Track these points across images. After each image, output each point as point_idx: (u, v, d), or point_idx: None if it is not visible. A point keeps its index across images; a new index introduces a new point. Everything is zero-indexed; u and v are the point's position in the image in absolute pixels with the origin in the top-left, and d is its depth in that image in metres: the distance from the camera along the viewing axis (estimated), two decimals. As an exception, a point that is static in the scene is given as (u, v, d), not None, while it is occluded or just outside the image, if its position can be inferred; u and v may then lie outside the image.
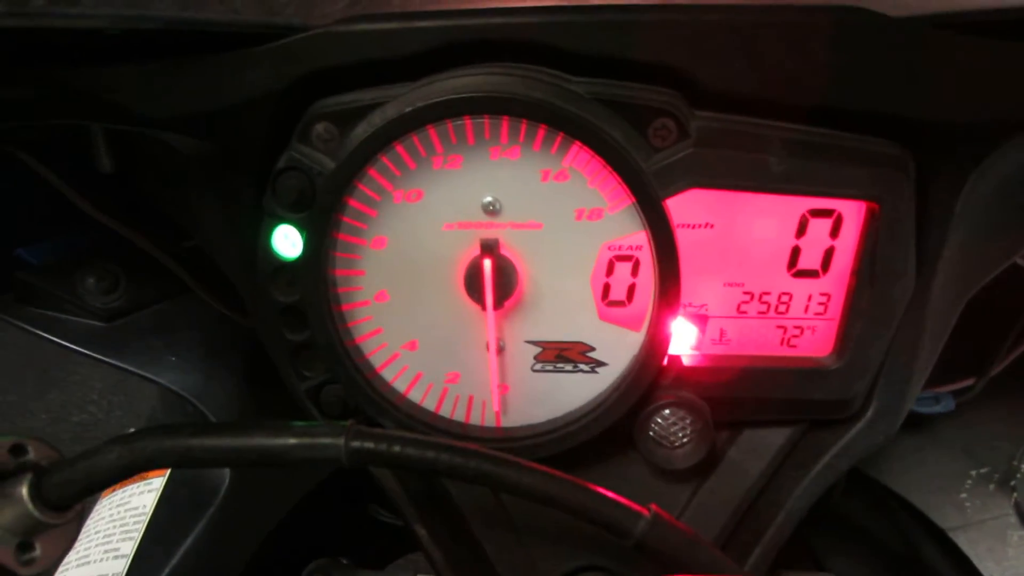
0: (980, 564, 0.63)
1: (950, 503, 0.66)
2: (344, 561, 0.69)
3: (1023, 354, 0.62)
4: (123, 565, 0.66)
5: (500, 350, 0.48)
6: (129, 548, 0.68)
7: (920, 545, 0.67)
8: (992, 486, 0.65)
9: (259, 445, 0.36)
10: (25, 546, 0.37)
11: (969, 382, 0.61)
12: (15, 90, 0.41)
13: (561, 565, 0.49)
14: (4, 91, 0.41)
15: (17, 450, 0.38)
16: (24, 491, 0.35)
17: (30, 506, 0.35)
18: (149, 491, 0.73)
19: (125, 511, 0.72)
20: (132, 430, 0.40)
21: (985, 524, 0.65)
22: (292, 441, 0.36)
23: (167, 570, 0.63)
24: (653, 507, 0.37)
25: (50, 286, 0.67)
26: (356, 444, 0.35)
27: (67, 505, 0.36)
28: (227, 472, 0.67)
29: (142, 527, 0.69)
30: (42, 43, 0.40)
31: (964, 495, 0.66)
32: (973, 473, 0.66)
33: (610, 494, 0.36)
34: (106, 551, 0.66)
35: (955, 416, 0.65)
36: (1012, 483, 0.64)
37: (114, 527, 0.70)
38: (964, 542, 0.64)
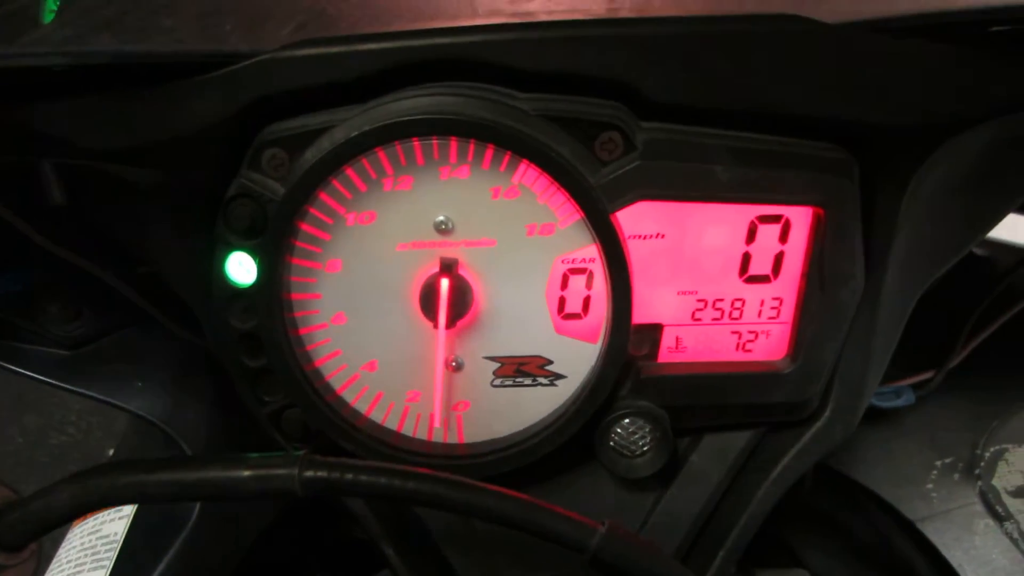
0: (948, 553, 0.64)
1: (917, 494, 0.67)
2: (322, 578, 0.69)
3: (980, 345, 0.63)
4: (96, 593, 0.66)
5: (459, 367, 0.48)
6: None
7: (890, 537, 0.68)
8: (957, 475, 0.66)
9: (213, 479, 0.36)
10: (-19, 589, 0.37)
11: (928, 375, 0.62)
12: None
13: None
14: None
15: (-29, 492, 0.38)
16: None
17: None
18: (120, 518, 0.72)
19: (96, 539, 0.72)
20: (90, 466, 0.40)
21: (951, 514, 0.66)
22: (246, 473, 0.36)
23: None
24: (608, 522, 0.37)
25: (11, 316, 0.66)
26: (310, 474, 0.35)
27: (21, 545, 0.36)
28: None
29: (114, 555, 0.69)
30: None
31: (930, 486, 0.67)
32: (938, 464, 0.67)
33: (562, 511, 0.37)
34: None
35: (917, 409, 0.66)
36: (976, 472, 0.65)
37: (85, 556, 0.69)
38: (932, 532, 0.65)
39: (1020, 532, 0.64)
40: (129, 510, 0.74)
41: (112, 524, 0.71)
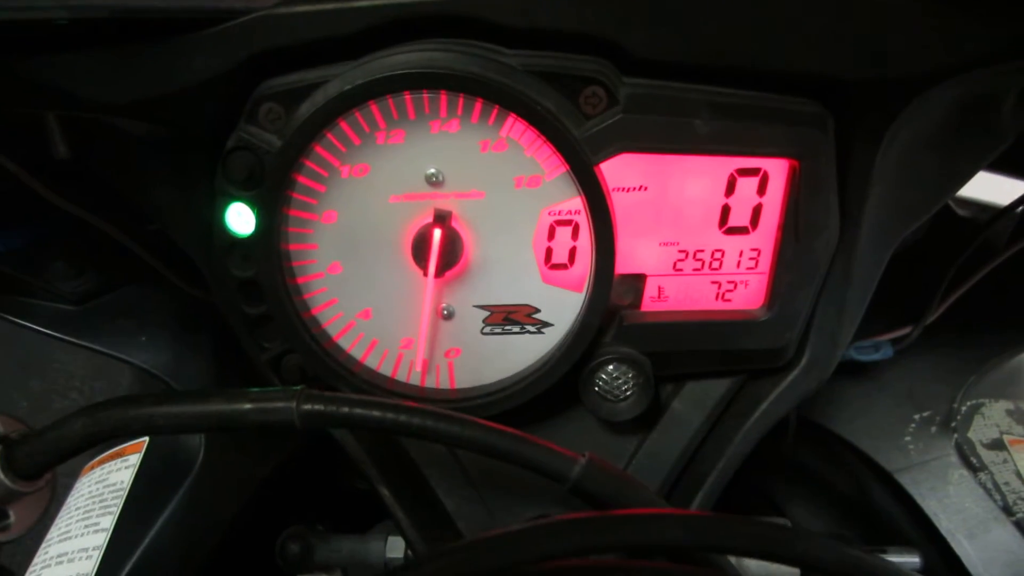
0: (923, 503, 0.66)
1: (895, 446, 0.69)
2: (319, 528, 0.71)
3: (957, 301, 0.65)
4: (103, 538, 0.68)
5: (450, 315, 0.50)
6: (108, 522, 0.70)
7: (869, 488, 0.70)
8: (933, 429, 0.68)
9: (216, 411, 0.38)
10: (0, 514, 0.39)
11: (906, 330, 0.64)
12: None
13: (515, 515, 0.51)
14: None
15: (-16, 425, 0.41)
16: None
17: (2, 475, 0.37)
18: (126, 467, 0.75)
19: (103, 487, 0.74)
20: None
21: (927, 465, 0.68)
22: (247, 406, 0.38)
23: (146, 541, 0.65)
24: (588, 454, 0.39)
25: (18, 272, 0.68)
26: (307, 407, 0.37)
27: (37, 474, 0.38)
28: (201, 445, 0.69)
29: (120, 501, 0.71)
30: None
31: (908, 438, 0.69)
32: (916, 417, 0.69)
33: (545, 443, 0.39)
34: (86, 526, 0.68)
35: (896, 363, 0.68)
36: (952, 425, 0.67)
37: (93, 503, 0.72)
38: (908, 482, 0.67)
39: (994, 483, 0.67)
40: (135, 459, 0.76)
41: (119, 473, 0.73)
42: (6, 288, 0.71)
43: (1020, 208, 0.68)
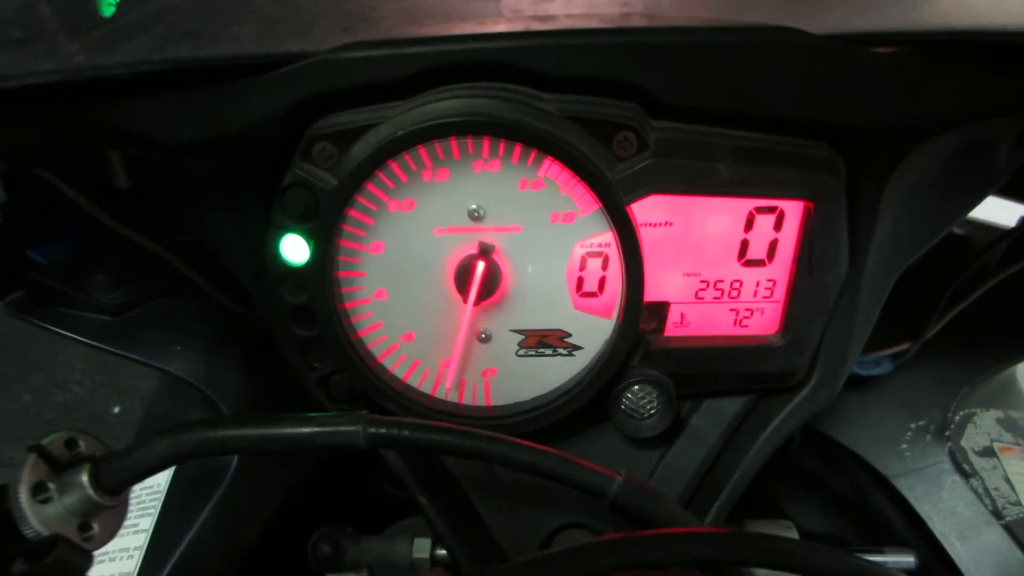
0: (918, 506, 0.71)
1: (892, 453, 0.73)
2: (348, 529, 0.75)
3: (953, 318, 0.69)
4: (144, 539, 0.72)
5: (487, 339, 0.53)
6: (148, 523, 0.74)
7: (867, 492, 0.75)
8: (928, 437, 0.72)
9: (287, 434, 0.41)
10: (85, 526, 0.43)
11: (905, 346, 0.68)
12: (47, 128, 0.45)
13: (547, 524, 0.55)
14: (39, 130, 0.45)
15: (70, 443, 0.44)
16: (85, 478, 0.41)
17: (90, 491, 0.41)
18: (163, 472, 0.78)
19: (141, 490, 0.78)
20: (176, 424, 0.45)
21: (923, 471, 0.72)
22: (316, 429, 0.41)
23: (185, 542, 0.68)
24: (624, 472, 0.43)
25: (60, 284, 0.70)
26: (372, 431, 0.41)
27: (121, 489, 0.42)
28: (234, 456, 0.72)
29: (159, 504, 0.75)
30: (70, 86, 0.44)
31: (904, 446, 0.73)
32: (912, 426, 0.73)
33: (587, 463, 0.43)
34: (127, 526, 0.72)
35: (895, 376, 0.72)
36: (946, 433, 0.72)
37: (133, 505, 0.75)
38: (904, 487, 0.71)
39: (984, 488, 0.71)
40: (171, 463, 0.80)
41: (156, 477, 0.76)
42: (48, 300, 0.72)
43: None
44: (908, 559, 0.68)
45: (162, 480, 0.77)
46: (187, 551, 0.67)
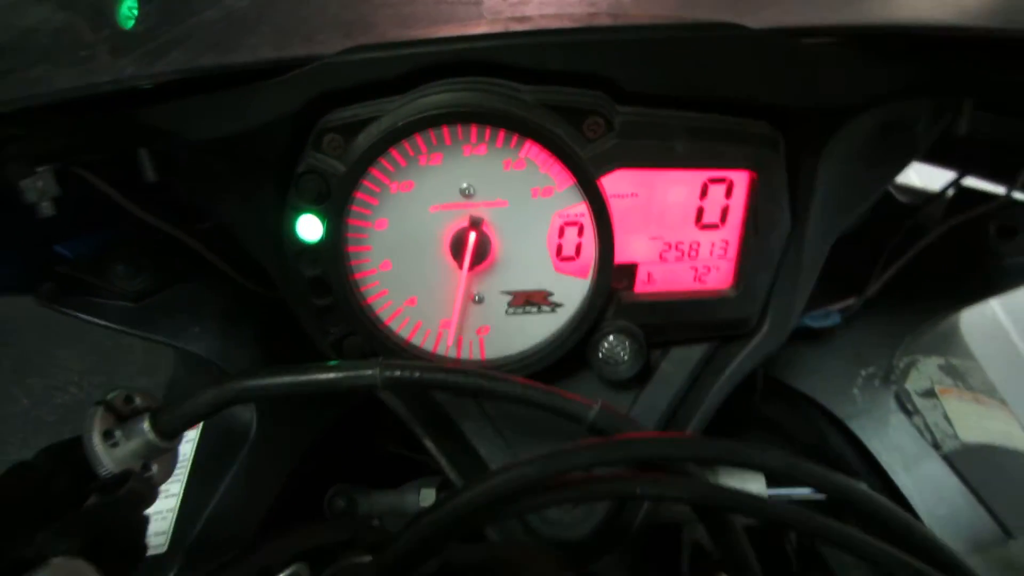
0: (868, 443, 0.78)
1: (845, 398, 0.80)
2: (361, 486, 0.81)
3: (895, 275, 0.76)
4: (175, 502, 0.78)
5: (480, 300, 0.61)
6: (177, 488, 0.80)
7: (825, 433, 0.82)
8: (876, 382, 0.80)
9: (316, 379, 0.48)
10: (146, 467, 0.50)
11: (851, 300, 0.76)
12: (93, 130, 0.52)
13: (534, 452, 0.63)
14: (87, 132, 0.52)
15: (128, 399, 0.51)
16: (146, 425, 0.48)
17: (151, 436, 0.48)
18: (187, 441, 0.85)
19: (170, 459, 0.84)
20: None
21: (871, 412, 0.80)
22: (340, 374, 0.48)
23: (212, 503, 0.75)
24: (601, 401, 0.51)
25: (85, 275, 0.76)
26: (388, 373, 0.48)
27: (175, 434, 0.49)
28: (253, 420, 0.79)
29: (186, 472, 0.82)
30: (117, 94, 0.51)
31: (856, 391, 0.80)
32: (862, 373, 0.80)
33: (569, 394, 0.50)
34: (160, 491, 0.78)
35: (844, 329, 0.79)
36: (892, 378, 0.79)
37: (164, 473, 0.82)
38: (856, 427, 0.79)
39: (925, 424, 0.79)
40: (194, 434, 0.86)
41: (182, 447, 0.82)
42: (75, 290, 0.77)
43: (947, 192, 0.80)
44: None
45: (187, 450, 0.83)
46: (214, 511, 0.74)
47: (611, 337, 0.61)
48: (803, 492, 0.67)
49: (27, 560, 0.43)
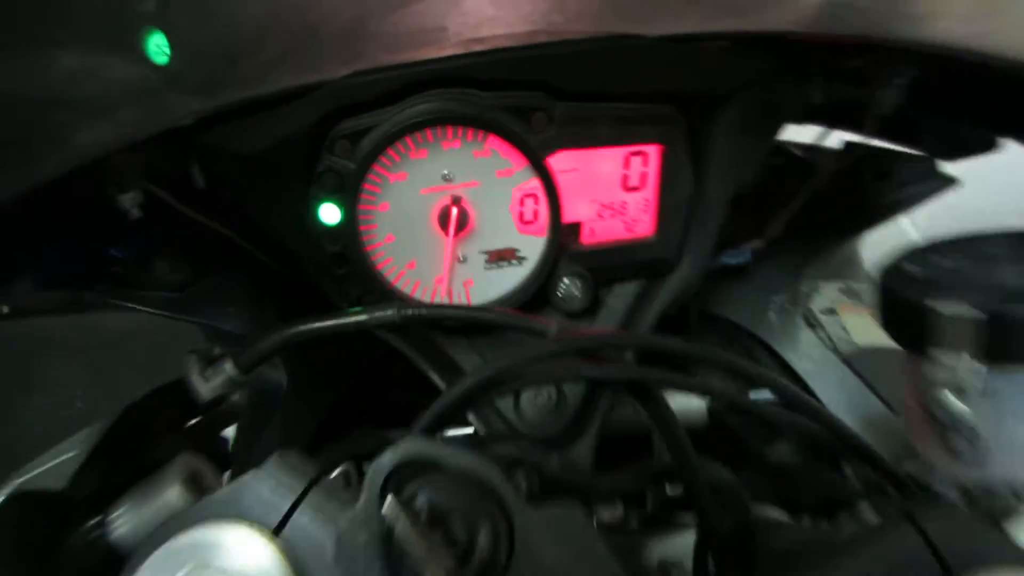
0: (784, 355, 0.94)
1: (763, 321, 0.96)
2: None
3: (794, 218, 0.93)
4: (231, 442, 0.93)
5: (464, 260, 0.74)
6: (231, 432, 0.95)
7: (751, 350, 0.98)
8: (787, 306, 0.97)
9: (350, 321, 0.65)
10: (228, 396, 0.67)
11: (759, 241, 0.94)
12: (166, 153, 0.68)
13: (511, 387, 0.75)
14: (161, 155, 0.68)
15: (210, 349, 0.68)
16: (229, 364, 0.65)
17: (233, 372, 0.65)
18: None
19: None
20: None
21: (785, 330, 0.95)
22: (368, 316, 0.65)
23: (256, 450, 0.87)
24: (558, 320, 0.68)
25: (133, 271, 0.87)
26: (403, 312, 0.65)
27: (251, 369, 0.66)
28: (284, 381, 0.92)
29: (233, 429, 0.97)
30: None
31: (771, 314, 0.97)
32: (775, 299, 0.97)
33: (536, 316, 0.68)
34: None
35: (759, 265, 0.94)
36: (799, 302, 0.97)
37: (215, 428, 0.97)
38: (774, 343, 0.94)
39: (827, 335, 0.97)
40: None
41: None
42: (124, 284, 0.87)
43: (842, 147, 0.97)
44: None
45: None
46: (257, 457, 0.89)
47: (565, 280, 0.75)
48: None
49: (161, 459, 0.60)
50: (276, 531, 0.45)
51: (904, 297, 0.62)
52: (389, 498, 0.42)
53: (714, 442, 0.78)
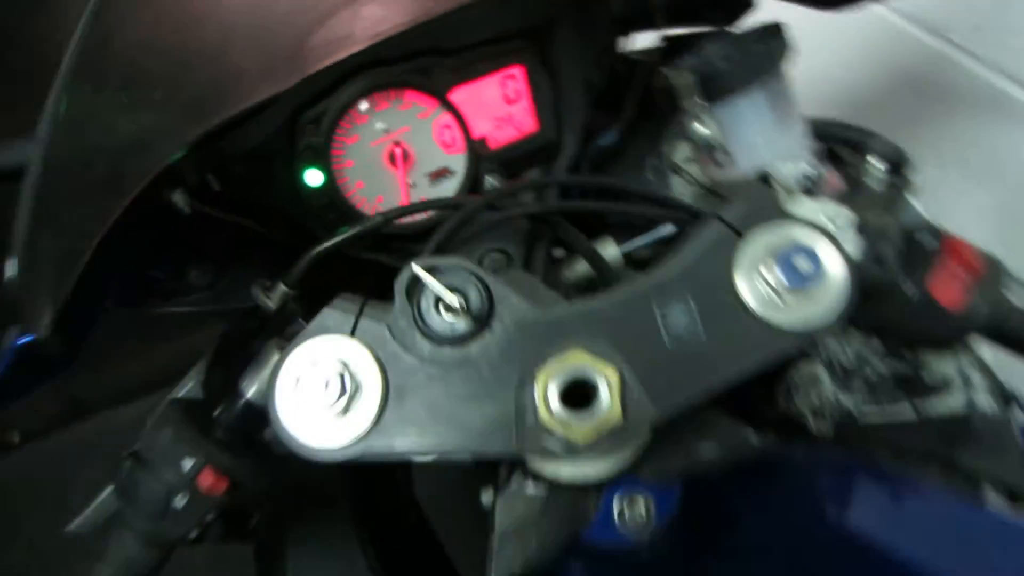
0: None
1: (643, 178, 1.30)
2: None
3: (642, 101, 1.14)
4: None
5: (414, 185, 0.92)
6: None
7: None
8: (656, 163, 1.30)
9: (354, 232, 0.95)
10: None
11: (620, 123, 1.26)
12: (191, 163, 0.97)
13: (478, 249, 0.93)
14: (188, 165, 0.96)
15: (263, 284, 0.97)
16: (280, 285, 0.94)
17: (285, 289, 0.94)
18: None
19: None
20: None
21: (661, 181, 1.28)
22: (362, 227, 0.95)
23: None
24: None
25: (171, 283, 1.05)
26: (383, 214, 0.96)
27: (297, 284, 0.94)
28: None
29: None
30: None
31: (648, 173, 1.30)
32: (649, 161, 1.29)
33: (475, 194, 0.99)
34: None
35: (628, 141, 1.12)
36: (663, 157, 1.30)
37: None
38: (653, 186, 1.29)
39: (691, 177, 1.30)
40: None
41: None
42: (162, 295, 0.99)
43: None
44: (670, 228, 1.25)
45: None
46: None
47: (488, 177, 0.94)
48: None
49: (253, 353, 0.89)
50: (352, 333, 0.75)
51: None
52: (414, 266, 0.72)
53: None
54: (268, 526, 1.08)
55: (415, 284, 0.73)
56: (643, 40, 1.12)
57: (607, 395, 0.60)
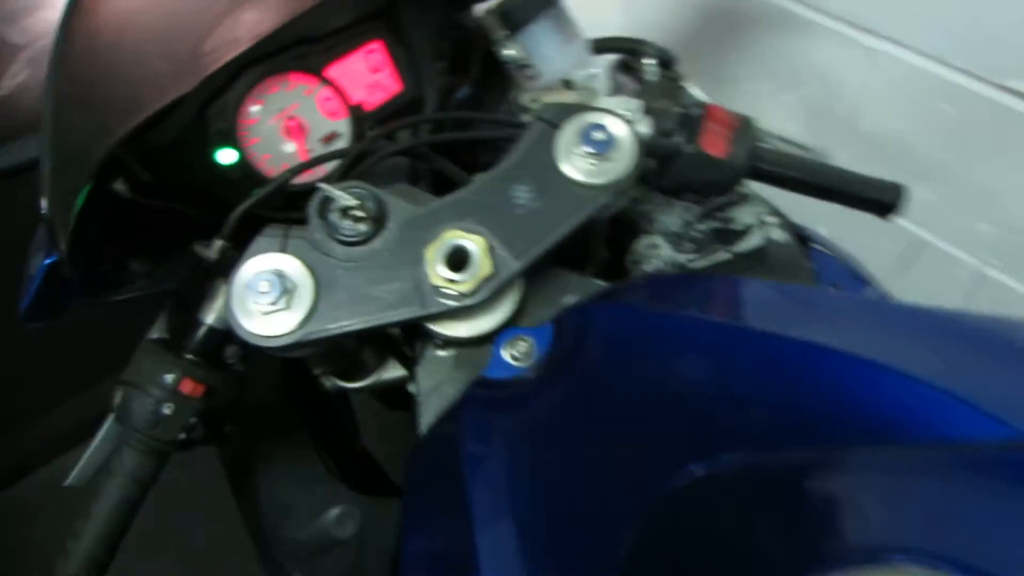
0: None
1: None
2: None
3: (484, 60, 1.35)
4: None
5: (312, 151, 1.29)
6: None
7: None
8: (511, 108, 1.57)
9: (270, 188, 1.18)
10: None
11: (471, 78, 1.52)
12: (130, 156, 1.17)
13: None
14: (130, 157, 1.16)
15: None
16: (217, 240, 1.16)
17: (221, 243, 1.16)
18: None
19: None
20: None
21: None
22: (275, 181, 1.18)
23: None
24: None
25: (113, 276, 1.12)
26: (292, 168, 1.18)
27: (230, 237, 1.17)
28: None
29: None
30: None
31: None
32: (501, 108, 1.57)
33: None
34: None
35: (483, 92, 1.30)
36: (516, 104, 1.57)
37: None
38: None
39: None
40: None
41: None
42: (108, 286, 1.08)
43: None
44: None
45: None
46: None
47: (369, 133, 1.05)
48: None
49: (204, 294, 1.11)
50: (283, 250, 0.99)
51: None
52: (324, 187, 0.96)
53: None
54: (240, 443, 1.30)
55: (325, 204, 0.97)
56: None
57: (478, 255, 0.84)
